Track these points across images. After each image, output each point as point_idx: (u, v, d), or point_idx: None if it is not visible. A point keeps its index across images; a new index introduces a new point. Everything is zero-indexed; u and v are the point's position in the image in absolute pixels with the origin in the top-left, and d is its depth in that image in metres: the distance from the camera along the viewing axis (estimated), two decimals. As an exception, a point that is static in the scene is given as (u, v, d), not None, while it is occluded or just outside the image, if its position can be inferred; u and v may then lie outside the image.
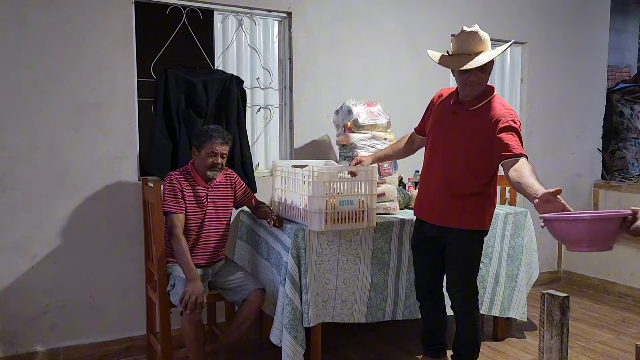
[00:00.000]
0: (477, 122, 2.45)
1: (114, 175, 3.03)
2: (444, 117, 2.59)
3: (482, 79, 2.45)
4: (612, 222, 1.60)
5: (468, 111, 2.49)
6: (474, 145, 2.45)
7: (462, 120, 2.49)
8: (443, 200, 2.56)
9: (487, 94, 2.49)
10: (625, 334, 3.54)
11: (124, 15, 3.01)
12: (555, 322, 1.26)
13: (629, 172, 5.65)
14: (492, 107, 2.45)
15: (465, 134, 2.47)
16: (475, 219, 2.53)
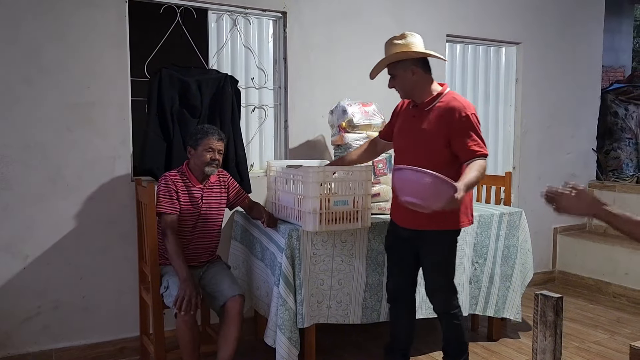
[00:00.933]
0: (433, 122, 2.46)
1: (107, 175, 3.02)
2: (406, 121, 2.60)
3: (398, 84, 2.51)
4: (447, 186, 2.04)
5: (424, 112, 2.50)
6: (434, 145, 2.44)
7: (420, 122, 2.50)
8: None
9: (439, 93, 2.50)
10: (619, 334, 3.55)
11: (117, 14, 2.99)
12: (549, 323, 1.26)
13: (623, 172, 5.66)
14: (445, 104, 2.46)
15: (424, 134, 2.47)
16: (447, 219, 2.49)
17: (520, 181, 4.54)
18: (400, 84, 2.51)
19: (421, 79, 2.49)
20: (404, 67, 2.47)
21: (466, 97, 4.37)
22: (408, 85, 2.50)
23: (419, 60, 2.48)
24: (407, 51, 2.45)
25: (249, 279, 3.12)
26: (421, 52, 2.48)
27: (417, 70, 2.47)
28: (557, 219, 4.78)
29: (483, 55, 4.46)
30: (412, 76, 2.47)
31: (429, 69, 2.52)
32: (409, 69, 2.46)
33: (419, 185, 2.11)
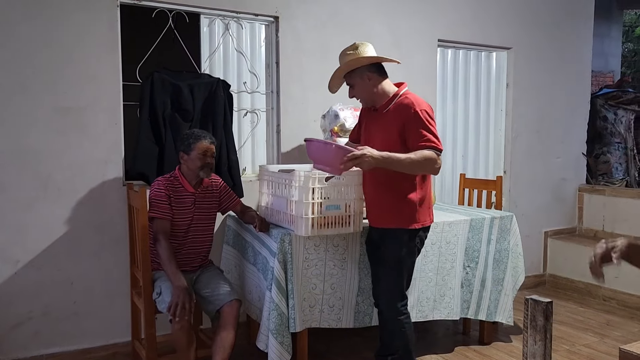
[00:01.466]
0: (388, 123, 2.50)
1: (98, 180, 3.01)
2: (368, 124, 2.66)
3: (358, 92, 2.56)
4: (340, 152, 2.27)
5: (383, 114, 2.55)
6: (390, 145, 2.45)
7: (379, 123, 2.56)
8: (376, 201, 2.60)
9: (395, 94, 2.54)
10: (609, 337, 3.58)
11: (109, 18, 2.99)
12: (539, 327, 1.27)
13: (612, 176, 5.72)
14: (398, 104, 2.50)
15: (382, 135, 2.52)
16: (403, 217, 2.52)
17: (512, 185, 4.57)
18: (358, 91, 2.56)
19: (377, 83, 2.54)
20: (359, 75, 2.52)
21: (457, 101, 4.42)
22: (366, 92, 2.55)
23: (373, 65, 2.53)
24: (357, 58, 2.50)
25: (241, 283, 3.11)
26: (371, 57, 2.52)
27: (372, 75, 2.52)
28: (548, 222, 4.83)
29: (474, 60, 4.49)
30: (368, 82, 2.53)
31: (384, 72, 2.57)
32: (364, 76, 2.52)
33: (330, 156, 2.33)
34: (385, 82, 2.57)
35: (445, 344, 3.44)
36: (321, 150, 2.42)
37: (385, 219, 2.57)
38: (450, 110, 4.40)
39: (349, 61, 2.51)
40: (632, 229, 4.60)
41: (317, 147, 2.43)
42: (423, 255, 3.02)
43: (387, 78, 2.59)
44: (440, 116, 4.30)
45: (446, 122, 4.38)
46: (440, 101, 4.31)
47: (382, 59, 2.56)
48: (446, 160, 4.38)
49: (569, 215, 4.97)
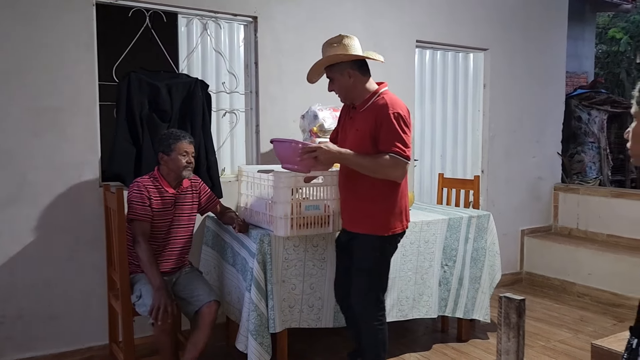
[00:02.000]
0: (364, 123, 2.43)
1: (74, 181, 2.96)
2: (345, 123, 2.60)
3: (337, 87, 2.49)
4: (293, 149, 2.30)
5: (359, 113, 2.48)
6: (361, 145, 2.41)
7: (355, 123, 2.49)
8: (349, 204, 2.56)
9: (374, 93, 2.47)
10: (583, 333, 3.66)
11: (85, 17, 2.95)
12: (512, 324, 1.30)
13: (587, 175, 5.86)
14: (374, 104, 2.43)
15: (354, 134, 2.47)
16: (375, 223, 2.46)
17: (489, 184, 4.63)
18: (337, 87, 2.49)
19: (358, 81, 2.46)
20: (340, 71, 2.45)
21: (435, 102, 4.46)
22: (345, 88, 2.47)
23: (355, 62, 2.45)
24: (340, 54, 2.41)
25: (220, 284, 3.10)
26: (355, 55, 2.43)
27: (353, 72, 2.44)
28: (525, 221, 4.92)
29: (452, 61, 4.55)
30: (349, 79, 2.44)
31: (366, 70, 2.49)
32: (345, 72, 2.44)
33: (291, 153, 2.35)
34: (366, 81, 2.48)
35: (424, 342, 3.48)
36: (283, 149, 2.41)
37: (356, 223, 2.51)
38: (429, 110, 4.45)
39: (330, 56, 2.43)
40: (605, 227, 4.72)
41: (279, 146, 2.43)
42: (402, 255, 3.05)
43: (370, 77, 2.50)
44: (418, 116, 4.34)
45: (425, 123, 4.43)
46: (419, 101, 4.35)
47: (365, 57, 2.48)
48: (424, 160, 4.42)
49: (544, 214, 5.07)
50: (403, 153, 2.36)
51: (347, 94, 2.50)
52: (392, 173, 2.39)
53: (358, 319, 2.58)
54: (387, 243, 2.52)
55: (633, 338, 1.29)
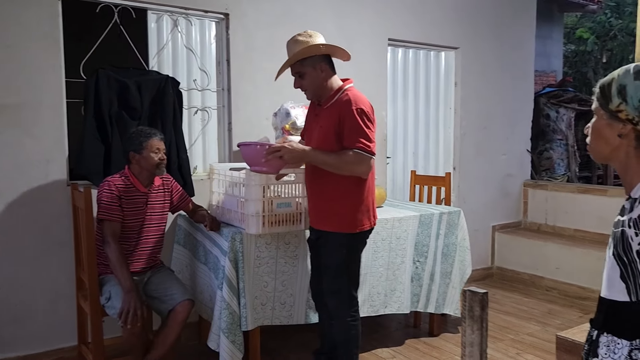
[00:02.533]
0: (328, 119, 2.42)
1: (40, 180, 2.90)
2: (310, 120, 2.61)
3: (307, 83, 2.44)
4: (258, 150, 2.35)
5: (324, 110, 2.47)
6: (326, 142, 2.41)
7: (320, 120, 2.48)
8: (315, 203, 2.55)
9: (338, 90, 2.46)
10: (550, 325, 3.75)
11: (50, 13, 2.89)
12: (476, 317, 1.33)
13: (555, 172, 5.99)
14: (339, 100, 2.42)
15: (319, 132, 2.46)
16: (342, 221, 2.45)
17: (461, 181, 4.70)
18: (309, 82, 2.44)
19: (328, 76, 2.45)
20: (313, 64, 2.41)
21: (408, 100, 4.51)
22: (316, 83, 2.44)
23: (326, 57, 2.45)
24: (316, 45, 2.39)
25: (192, 283, 3.08)
26: (333, 46, 2.42)
27: (324, 67, 2.43)
28: (495, 217, 5.01)
29: (424, 59, 4.60)
30: (320, 73, 2.42)
31: (333, 67, 2.49)
32: (317, 66, 2.41)
33: (256, 155, 2.37)
34: (334, 77, 2.47)
35: (397, 337, 3.52)
36: (249, 152, 2.43)
37: (323, 221, 2.50)
38: (401, 108, 4.49)
39: (308, 47, 2.37)
40: (572, 222, 4.84)
41: (245, 150, 2.44)
42: (374, 251, 3.07)
43: (335, 74, 2.50)
44: (391, 114, 4.38)
45: (397, 120, 4.47)
46: (391, 99, 4.38)
47: (338, 48, 2.46)
48: (397, 157, 4.46)
49: (514, 210, 5.17)
50: (367, 148, 2.35)
51: (316, 90, 2.47)
52: (356, 169, 2.39)
53: (331, 315, 2.58)
54: (355, 240, 2.51)
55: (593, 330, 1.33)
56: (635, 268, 1.21)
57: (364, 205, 2.49)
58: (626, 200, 1.27)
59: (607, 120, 1.27)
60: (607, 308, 1.28)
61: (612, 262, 1.25)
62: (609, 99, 1.25)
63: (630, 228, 1.20)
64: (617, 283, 1.24)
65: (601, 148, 1.31)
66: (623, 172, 1.30)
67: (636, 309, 1.22)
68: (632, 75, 1.22)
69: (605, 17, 10.50)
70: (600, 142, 1.31)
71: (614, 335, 1.25)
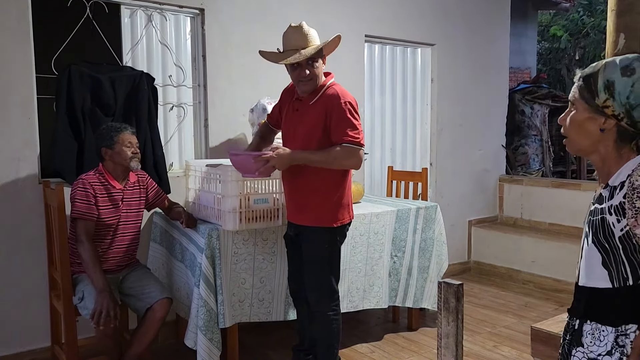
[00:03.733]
0: (313, 115, 2.42)
1: (11, 178, 2.83)
2: (289, 114, 2.57)
3: (314, 74, 2.42)
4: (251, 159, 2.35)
5: (308, 106, 2.46)
6: (312, 139, 2.42)
7: (303, 116, 2.47)
8: (294, 197, 2.55)
9: (322, 85, 2.47)
10: (527, 318, 3.80)
11: (18, 7, 2.82)
12: (451, 308, 1.33)
13: (530, 167, 6.09)
14: (326, 97, 2.43)
15: (305, 128, 2.45)
16: (324, 216, 2.46)
17: (437, 177, 4.74)
18: (317, 74, 2.42)
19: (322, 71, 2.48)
20: (322, 57, 2.45)
21: (385, 96, 4.53)
22: (318, 76, 2.44)
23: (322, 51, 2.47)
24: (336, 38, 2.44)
25: (169, 281, 3.04)
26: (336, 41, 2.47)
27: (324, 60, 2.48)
28: (472, 211, 5.06)
29: (400, 55, 4.62)
30: (322, 66, 2.47)
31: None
32: (323, 59, 2.46)
33: (247, 163, 2.38)
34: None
35: (376, 332, 3.53)
36: (239, 161, 2.43)
37: (303, 216, 2.51)
38: (378, 104, 4.50)
39: (334, 39, 2.43)
40: (547, 216, 4.92)
41: (234, 159, 2.44)
42: (352, 247, 3.08)
43: None
44: (368, 110, 4.39)
45: (374, 116, 4.48)
46: (368, 96, 4.39)
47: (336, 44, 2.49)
48: (375, 153, 4.48)
49: (490, 205, 5.23)
50: (355, 140, 2.37)
51: (316, 83, 2.45)
52: (347, 162, 2.41)
53: (313, 310, 2.58)
54: (336, 234, 2.52)
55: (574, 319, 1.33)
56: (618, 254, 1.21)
57: (345, 199, 2.52)
58: (603, 189, 1.27)
59: (589, 114, 1.25)
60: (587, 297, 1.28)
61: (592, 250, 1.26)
62: (594, 93, 1.23)
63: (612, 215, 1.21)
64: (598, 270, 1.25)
65: (581, 141, 1.29)
66: (600, 164, 1.29)
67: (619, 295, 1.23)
68: (619, 71, 1.20)
69: (578, 15, 10.70)
70: (580, 135, 1.28)
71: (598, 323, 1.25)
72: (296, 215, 2.55)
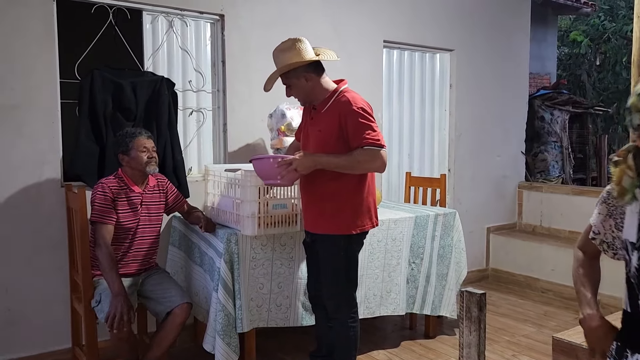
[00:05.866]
0: (328, 123, 2.41)
1: (34, 181, 2.88)
2: (306, 123, 2.58)
3: (295, 92, 2.45)
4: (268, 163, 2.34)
5: (321, 114, 2.46)
6: (325, 145, 2.40)
7: (317, 124, 2.47)
8: (310, 205, 2.53)
9: (333, 92, 2.45)
10: (546, 327, 3.75)
11: (44, 13, 2.87)
12: (474, 318, 1.32)
13: (549, 174, 6.01)
14: (335, 103, 2.41)
15: (317, 135, 2.45)
16: (340, 223, 2.43)
17: (455, 183, 4.71)
18: (296, 92, 2.45)
19: (316, 83, 2.43)
20: (296, 76, 2.40)
21: (403, 102, 4.52)
22: (304, 92, 2.45)
23: (310, 64, 2.41)
24: (295, 62, 2.37)
25: (187, 285, 3.06)
26: (309, 59, 2.39)
27: (309, 75, 2.41)
28: (490, 218, 5.02)
29: (419, 61, 4.60)
30: (306, 83, 2.42)
31: (321, 69, 2.46)
32: (301, 77, 2.40)
33: (269, 169, 2.35)
34: (323, 80, 2.45)
35: (392, 339, 3.51)
36: (261, 166, 2.39)
37: (319, 224, 2.48)
38: (396, 110, 4.49)
39: (288, 64, 2.37)
40: (567, 224, 4.85)
41: (256, 164, 2.41)
42: (369, 253, 3.07)
43: (325, 73, 2.47)
44: (386, 116, 4.38)
45: (392, 122, 4.47)
46: (387, 101, 4.38)
47: (319, 59, 2.43)
48: (393, 159, 4.46)
49: (509, 211, 5.18)
50: (376, 142, 2.34)
51: (306, 97, 2.47)
52: (371, 165, 2.37)
53: (331, 317, 2.57)
54: (352, 241, 2.50)
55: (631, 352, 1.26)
56: None
57: (365, 205, 2.48)
58: None
59: None
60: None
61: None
62: None
63: None
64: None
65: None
66: None
67: None
68: None
69: (599, 20, 10.56)
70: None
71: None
72: (312, 224, 2.53)
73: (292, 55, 2.38)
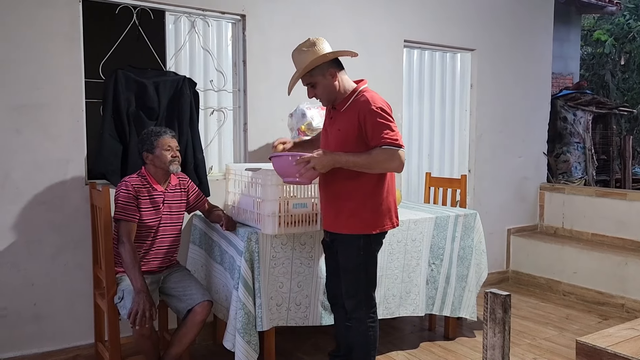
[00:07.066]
0: (347, 122, 2.41)
1: (59, 179, 2.93)
2: (326, 123, 2.58)
3: (320, 91, 2.44)
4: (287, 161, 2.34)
5: (340, 113, 2.46)
6: (345, 145, 2.40)
7: (337, 123, 2.46)
8: (329, 204, 2.52)
9: (353, 91, 2.45)
10: (568, 331, 3.70)
11: (70, 14, 2.92)
12: (498, 319, 1.31)
13: (572, 175, 5.92)
14: (354, 103, 2.41)
15: (337, 135, 2.44)
16: (359, 223, 2.43)
17: (476, 184, 4.67)
18: (321, 90, 2.44)
19: (339, 79, 2.44)
20: (322, 72, 2.40)
21: (423, 101, 4.49)
22: (328, 90, 2.43)
23: (334, 61, 2.42)
24: (323, 55, 2.37)
25: (208, 283, 3.09)
26: (336, 52, 2.41)
27: (334, 71, 2.41)
28: (511, 220, 4.96)
29: (439, 61, 4.57)
30: (332, 79, 2.42)
31: (342, 65, 2.47)
32: (327, 73, 2.41)
33: (288, 167, 2.36)
34: (344, 77, 2.46)
35: (411, 340, 3.49)
36: (280, 164, 2.40)
37: (338, 224, 2.48)
38: (416, 110, 4.47)
39: (315, 59, 2.36)
40: (590, 226, 4.77)
41: (275, 161, 2.41)
42: (389, 253, 3.06)
43: (344, 71, 2.48)
44: (406, 116, 4.36)
45: (412, 122, 4.45)
46: (407, 101, 4.36)
47: (344, 53, 2.45)
48: (412, 159, 4.44)
49: (530, 213, 5.11)
50: (395, 142, 2.33)
51: (329, 95, 2.46)
52: (389, 165, 2.36)
53: (350, 317, 2.56)
54: (371, 241, 2.49)
55: None
56: None
57: (385, 205, 2.47)
58: None
59: None
60: None
61: None
62: None
63: None
64: None
65: None
66: None
67: None
68: None
69: (624, 19, 10.37)
70: None
71: None
72: (331, 223, 2.53)
73: (314, 53, 2.39)
